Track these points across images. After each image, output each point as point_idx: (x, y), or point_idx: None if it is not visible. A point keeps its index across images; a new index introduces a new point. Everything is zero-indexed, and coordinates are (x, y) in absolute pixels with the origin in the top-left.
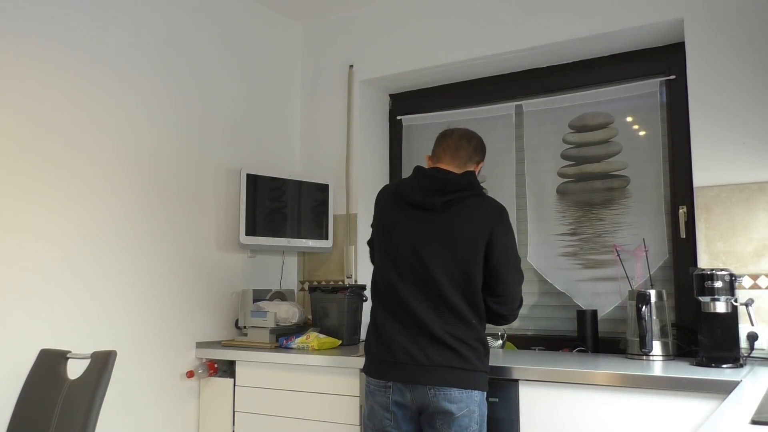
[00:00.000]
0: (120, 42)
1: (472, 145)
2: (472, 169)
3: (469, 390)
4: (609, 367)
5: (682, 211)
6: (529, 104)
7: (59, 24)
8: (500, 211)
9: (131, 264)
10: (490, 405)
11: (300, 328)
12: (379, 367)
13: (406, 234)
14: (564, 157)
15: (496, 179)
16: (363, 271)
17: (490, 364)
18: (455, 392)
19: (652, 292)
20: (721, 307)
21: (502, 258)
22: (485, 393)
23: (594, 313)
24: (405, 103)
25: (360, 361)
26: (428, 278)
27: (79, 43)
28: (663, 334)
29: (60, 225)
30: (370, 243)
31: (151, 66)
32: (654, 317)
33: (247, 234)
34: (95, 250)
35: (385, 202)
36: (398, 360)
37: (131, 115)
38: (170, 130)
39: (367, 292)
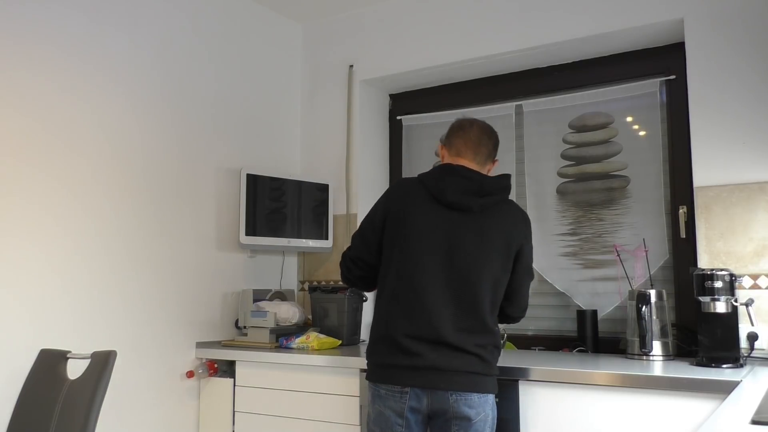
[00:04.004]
0: (119, 42)
1: (493, 141)
2: (489, 167)
3: (486, 394)
4: (609, 367)
5: (682, 211)
6: (529, 104)
7: (59, 23)
8: (528, 220)
9: (132, 264)
10: None
11: (300, 328)
12: (394, 372)
13: (442, 236)
14: (564, 157)
15: None
16: None
17: None
18: (475, 397)
19: (652, 292)
20: (721, 307)
21: (525, 269)
22: (495, 395)
23: (594, 313)
24: (405, 103)
25: (360, 361)
26: (463, 283)
27: (78, 43)
28: (663, 334)
29: (60, 225)
30: (362, 232)
31: (150, 65)
32: (654, 317)
33: (247, 234)
34: (96, 250)
35: (410, 196)
36: (417, 365)
37: (131, 115)
38: (170, 130)
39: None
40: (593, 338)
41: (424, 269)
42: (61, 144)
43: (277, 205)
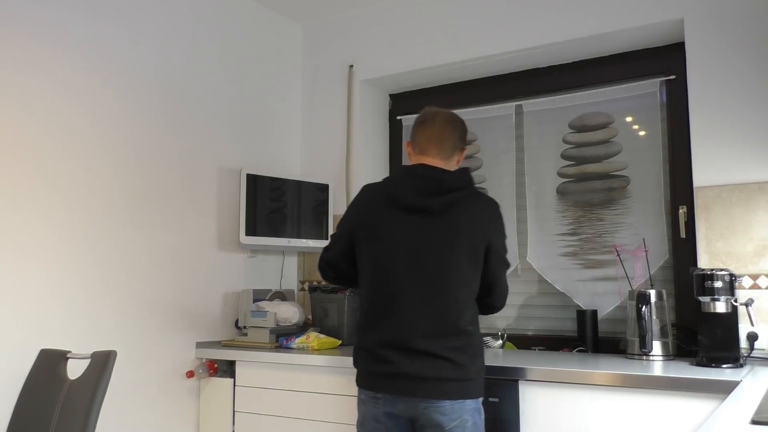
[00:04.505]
0: (119, 41)
1: (458, 131)
2: (457, 158)
3: (462, 400)
4: (609, 367)
5: (682, 211)
6: (529, 104)
7: (58, 23)
8: (496, 211)
9: (131, 264)
10: (491, 405)
11: (300, 328)
12: (370, 378)
13: (407, 241)
14: (564, 157)
15: (496, 179)
16: None
17: (490, 364)
18: (447, 404)
19: (652, 292)
20: (721, 307)
21: (498, 261)
22: (480, 399)
23: (594, 313)
24: (405, 103)
25: None
26: (431, 287)
27: (77, 42)
28: (663, 334)
29: (60, 225)
30: (336, 237)
31: (150, 65)
32: (654, 317)
33: (247, 234)
34: (96, 250)
35: (375, 203)
36: (389, 372)
37: (131, 115)
38: (170, 130)
39: None
40: (593, 338)
41: (392, 277)
42: (61, 143)
43: (277, 205)
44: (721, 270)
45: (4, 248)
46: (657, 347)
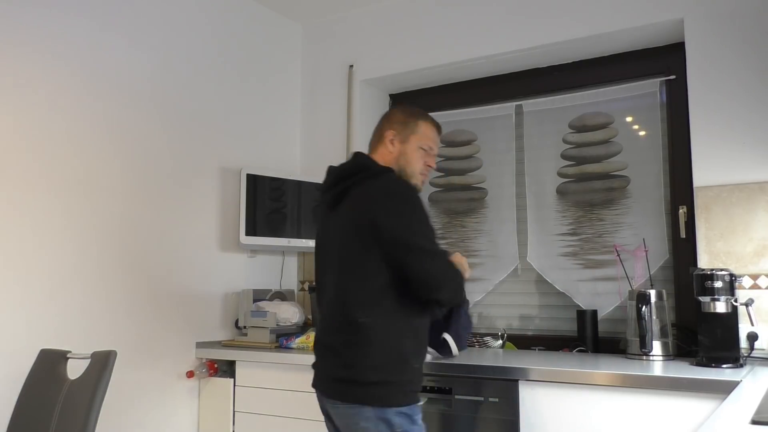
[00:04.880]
0: (119, 42)
1: (381, 122)
2: (381, 144)
3: (357, 405)
4: (609, 367)
5: (682, 211)
6: (529, 104)
7: (58, 23)
8: (391, 193)
9: (132, 264)
10: (491, 405)
11: (300, 328)
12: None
13: (317, 238)
14: (564, 157)
15: (496, 179)
16: None
17: (491, 364)
18: (341, 407)
19: (652, 292)
20: (721, 307)
21: (393, 244)
22: (394, 409)
23: (594, 313)
24: (405, 102)
25: None
26: (327, 279)
27: (77, 43)
28: (663, 334)
29: (60, 225)
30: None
31: (150, 65)
32: (654, 317)
33: (247, 234)
34: (96, 250)
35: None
36: (313, 367)
37: (132, 115)
38: (170, 130)
39: None
40: (593, 338)
41: (316, 276)
42: (61, 144)
43: (277, 205)
44: (721, 270)
45: (4, 248)
46: (657, 347)
